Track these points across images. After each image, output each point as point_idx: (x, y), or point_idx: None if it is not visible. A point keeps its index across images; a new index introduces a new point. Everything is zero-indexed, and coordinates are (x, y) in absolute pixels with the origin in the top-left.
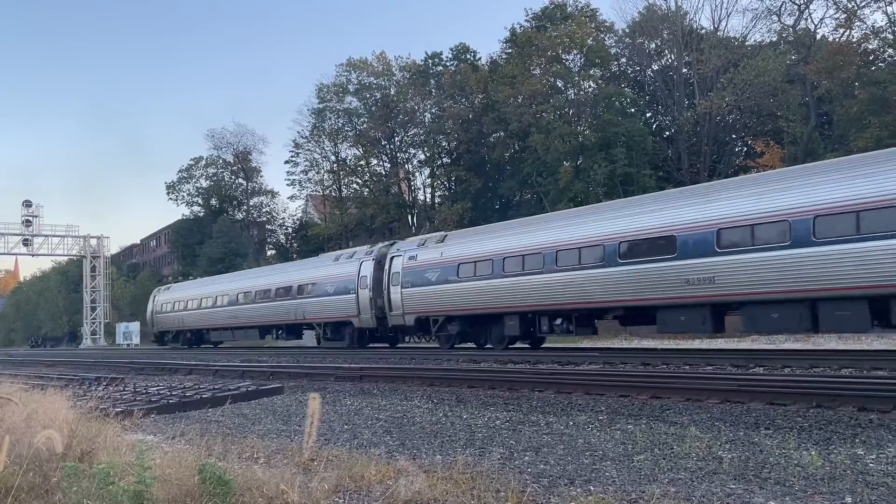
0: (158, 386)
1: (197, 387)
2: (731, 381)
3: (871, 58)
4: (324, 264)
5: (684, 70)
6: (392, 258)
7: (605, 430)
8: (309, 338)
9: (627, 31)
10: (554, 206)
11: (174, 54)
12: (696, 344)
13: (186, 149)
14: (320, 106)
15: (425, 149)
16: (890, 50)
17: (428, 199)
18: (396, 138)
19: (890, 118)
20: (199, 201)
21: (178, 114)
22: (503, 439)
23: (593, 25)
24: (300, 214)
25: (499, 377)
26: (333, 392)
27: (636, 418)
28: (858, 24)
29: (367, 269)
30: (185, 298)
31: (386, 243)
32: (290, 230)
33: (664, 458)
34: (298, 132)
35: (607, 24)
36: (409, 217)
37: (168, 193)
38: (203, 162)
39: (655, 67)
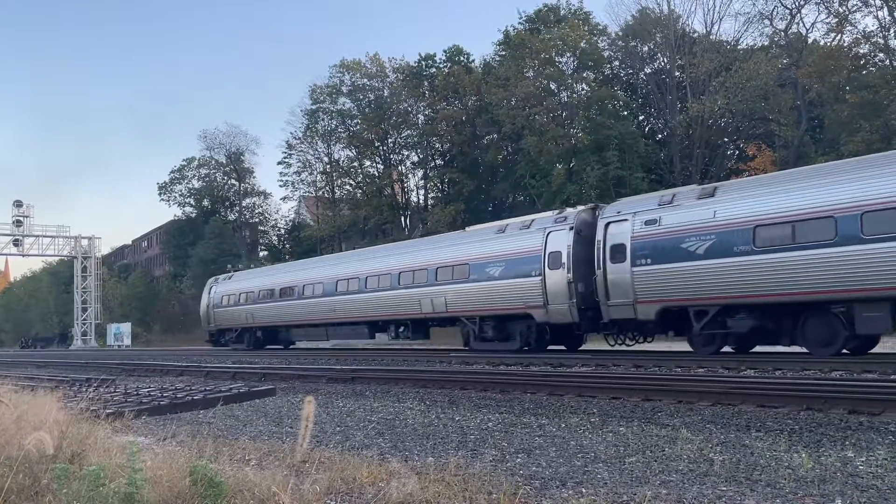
0: (149, 387)
1: (188, 388)
2: (722, 384)
3: (862, 62)
4: (478, 239)
5: (677, 73)
6: (608, 224)
7: (597, 432)
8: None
9: (620, 34)
10: (547, 208)
11: (175, 55)
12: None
13: (182, 150)
14: (313, 107)
15: (418, 150)
16: (881, 54)
17: (421, 201)
18: (390, 140)
19: (880, 122)
20: (192, 202)
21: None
22: (495, 441)
23: (586, 28)
24: (293, 216)
25: (491, 379)
26: (326, 394)
27: (628, 420)
28: (850, 28)
29: (561, 241)
30: (255, 289)
31: (585, 206)
32: (282, 231)
33: (656, 461)
34: (291, 133)
35: (600, 27)
36: (403, 219)
37: (160, 194)
38: (195, 163)
39: (648, 70)
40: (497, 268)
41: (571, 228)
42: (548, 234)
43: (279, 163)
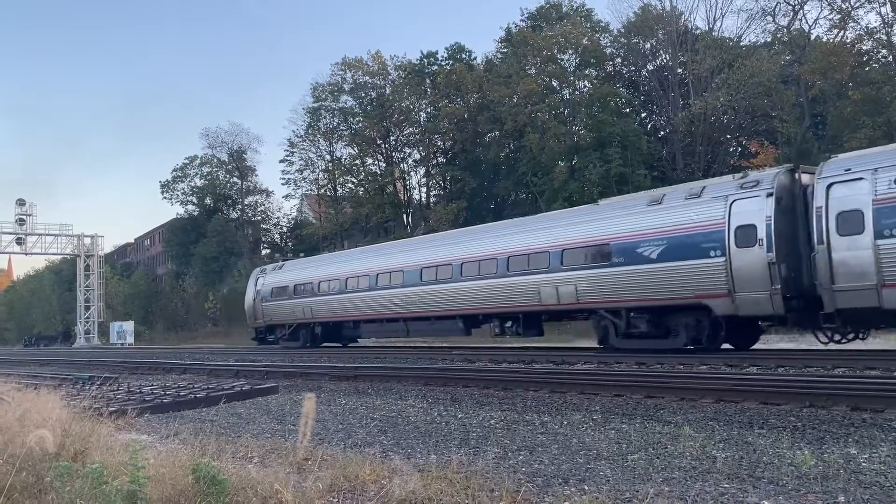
0: (152, 385)
1: (191, 386)
2: (725, 381)
3: (864, 58)
4: (621, 213)
5: (679, 70)
6: (831, 186)
7: (600, 430)
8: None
9: (622, 31)
10: (549, 206)
11: (176, 52)
12: None
13: (184, 148)
14: (315, 105)
15: (420, 148)
16: (883, 51)
17: (423, 199)
18: (392, 138)
19: (883, 119)
20: (194, 200)
21: (175, 112)
22: (498, 439)
23: (588, 25)
24: (295, 214)
25: (493, 377)
26: (328, 391)
27: (630, 418)
28: (852, 24)
29: (753, 211)
30: (314, 279)
31: (782, 168)
32: (284, 229)
33: (658, 458)
34: (293, 131)
35: (602, 24)
36: (405, 217)
37: (162, 192)
38: (198, 161)
39: (650, 67)
40: (654, 248)
41: (770, 195)
42: (732, 204)
43: (281, 161)
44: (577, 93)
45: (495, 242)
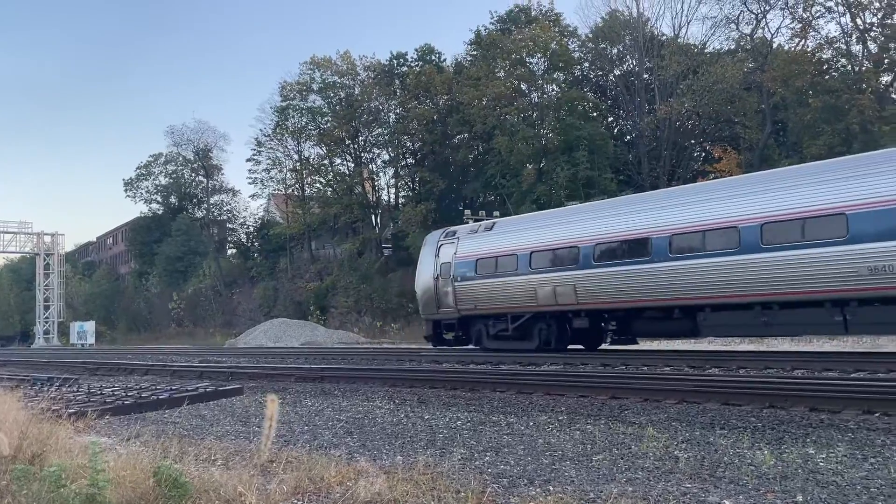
0: (114, 387)
1: (153, 388)
2: (687, 382)
3: (824, 67)
4: None
5: (645, 76)
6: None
7: (565, 431)
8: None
9: (590, 36)
10: (517, 208)
11: (138, 50)
12: (655, 345)
13: (147, 146)
14: (283, 104)
15: (389, 149)
16: (843, 59)
17: (392, 200)
18: (360, 138)
19: (842, 126)
20: (158, 199)
21: (136, 109)
22: (464, 440)
23: (557, 30)
24: (262, 213)
25: (460, 378)
26: (294, 393)
27: (595, 418)
28: (813, 34)
29: None
30: (582, 240)
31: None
32: (251, 229)
33: (622, 458)
34: (261, 130)
35: (570, 29)
36: (373, 217)
37: (126, 190)
38: (162, 159)
39: (617, 72)
40: None
41: None
42: None
43: (248, 160)
44: (545, 96)
45: None
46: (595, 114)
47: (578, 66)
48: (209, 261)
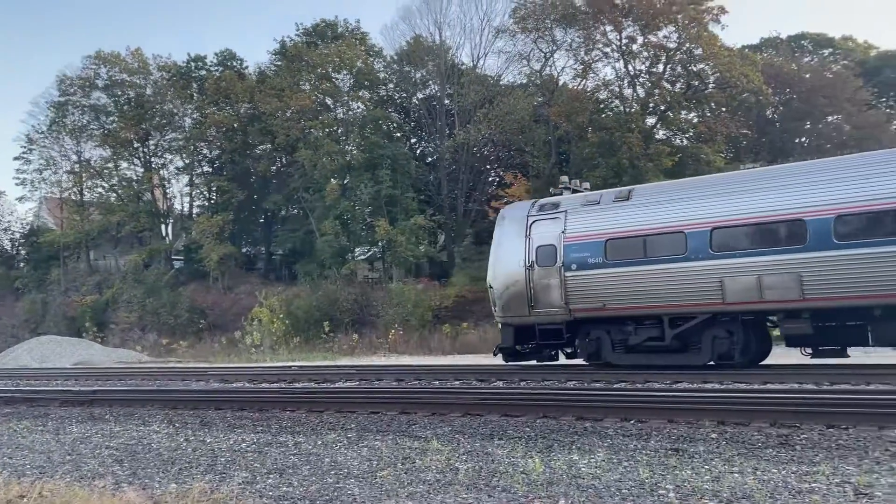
0: None
1: None
2: (473, 395)
3: (601, 106)
4: None
5: (446, 101)
6: None
7: (353, 448)
8: None
9: (395, 58)
10: (320, 222)
11: None
12: (449, 360)
13: None
14: (62, 99)
15: (184, 155)
16: (616, 101)
17: (185, 209)
18: (151, 142)
19: (614, 160)
20: None
21: None
22: (247, 462)
23: (363, 48)
24: (31, 218)
25: (249, 398)
26: (57, 419)
27: (384, 434)
28: (592, 75)
29: None
30: (796, 211)
31: None
32: (17, 235)
33: (406, 473)
34: (33, 126)
35: (376, 49)
36: (163, 227)
37: None
38: None
39: (421, 96)
40: None
41: None
42: None
43: (16, 158)
44: (350, 112)
45: None
46: (399, 134)
47: (384, 87)
48: None
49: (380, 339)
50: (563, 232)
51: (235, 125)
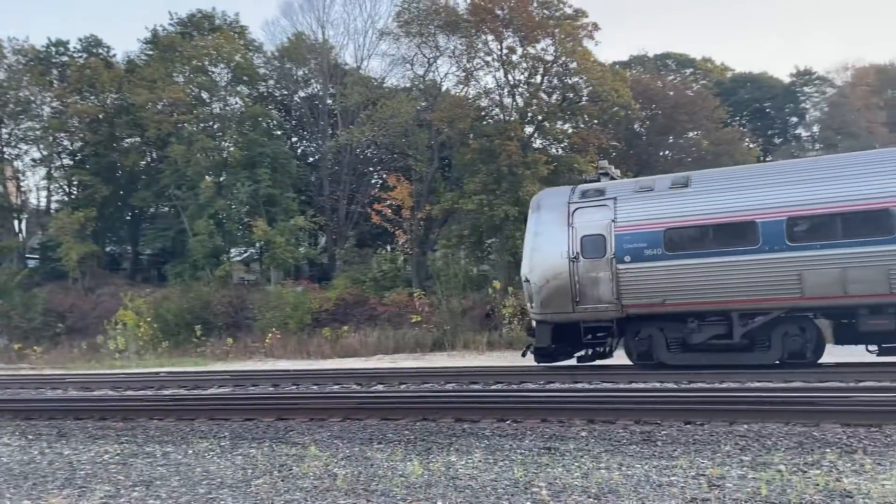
0: None
1: None
2: (352, 399)
3: (482, 113)
4: None
5: (329, 101)
6: None
7: (226, 456)
8: None
9: (276, 54)
10: (193, 221)
11: None
12: (329, 364)
13: None
14: None
15: (42, 146)
16: (497, 109)
17: (42, 204)
18: (4, 130)
19: (494, 167)
20: None
21: None
22: (110, 475)
23: (242, 42)
24: None
25: (112, 406)
26: None
27: (259, 441)
28: (474, 83)
29: None
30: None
31: None
32: None
33: (283, 480)
34: None
35: (256, 44)
36: (16, 223)
37: None
38: None
39: (302, 94)
40: None
41: None
42: None
43: None
44: (227, 108)
45: None
46: (279, 132)
47: (264, 83)
48: None
49: (256, 343)
50: (613, 220)
51: (101, 116)
